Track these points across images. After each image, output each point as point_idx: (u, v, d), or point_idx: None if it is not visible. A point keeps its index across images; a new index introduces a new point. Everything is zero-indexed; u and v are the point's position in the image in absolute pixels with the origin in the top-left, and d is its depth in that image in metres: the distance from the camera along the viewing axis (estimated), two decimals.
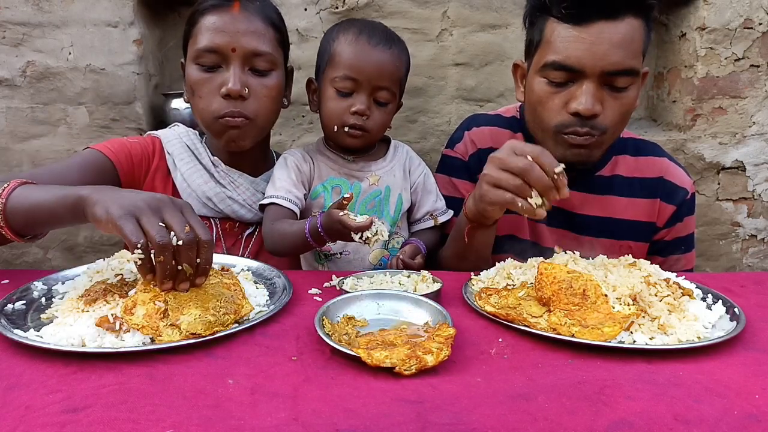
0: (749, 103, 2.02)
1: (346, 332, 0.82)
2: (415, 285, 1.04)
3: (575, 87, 1.20)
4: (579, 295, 0.88)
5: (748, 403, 0.66)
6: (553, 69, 1.20)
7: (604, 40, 1.14)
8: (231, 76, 1.27)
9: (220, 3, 1.29)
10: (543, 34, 1.23)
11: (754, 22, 1.95)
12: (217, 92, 1.28)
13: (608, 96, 1.20)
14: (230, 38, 1.26)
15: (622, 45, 1.15)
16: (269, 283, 1.05)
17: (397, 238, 1.43)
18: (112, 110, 1.96)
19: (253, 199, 1.39)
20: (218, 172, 1.39)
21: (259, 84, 1.31)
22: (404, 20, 1.96)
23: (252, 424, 0.60)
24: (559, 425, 0.61)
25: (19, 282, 0.99)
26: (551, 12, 1.19)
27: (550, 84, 1.22)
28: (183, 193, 1.37)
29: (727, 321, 0.89)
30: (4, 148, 1.97)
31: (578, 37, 1.16)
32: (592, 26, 1.15)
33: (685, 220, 1.42)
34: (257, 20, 1.30)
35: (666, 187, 1.41)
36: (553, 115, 1.23)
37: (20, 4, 1.87)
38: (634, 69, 1.18)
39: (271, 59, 1.31)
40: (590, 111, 1.18)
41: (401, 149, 1.49)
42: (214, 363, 0.74)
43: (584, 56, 1.15)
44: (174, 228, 0.83)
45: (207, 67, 1.29)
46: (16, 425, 0.59)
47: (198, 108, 1.32)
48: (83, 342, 0.77)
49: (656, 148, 1.48)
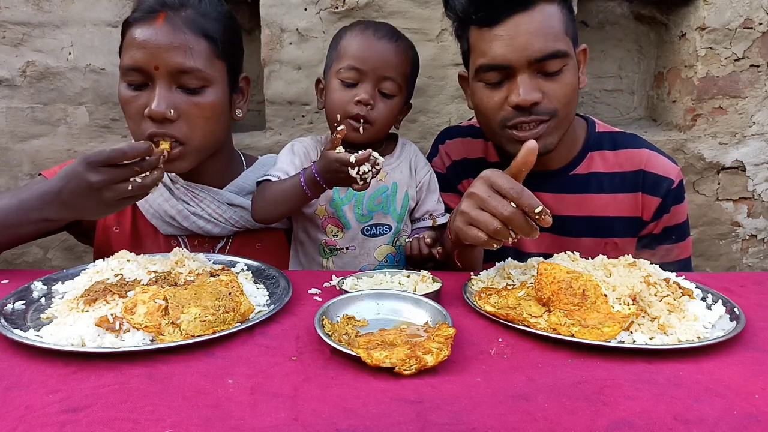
0: (749, 103, 2.02)
1: (346, 332, 0.82)
2: (414, 285, 1.04)
3: (510, 83, 1.22)
4: (579, 295, 0.88)
5: (748, 403, 0.66)
6: (485, 71, 1.23)
7: (521, 32, 1.17)
8: (155, 96, 1.15)
9: (144, 15, 1.17)
10: (469, 42, 1.27)
11: (754, 22, 1.95)
12: (143, 113, 1.17)
13: (544, 82, 1.21)
14: (152, 55, 1.14)
15: (540, 32, 1.17)
16: (269, 282, 1.05)
17: (404, 237, 1.43)
18: (112, 110, 1.95)
19: (218, 212, 1.32)
20: (178, 188, 1.32)
21: (189, 103, 1.18)
22: (404, 20, 1.95)
23: (252, 424, 0.60)
24: (559, 425, 0.61)
25: (19, 282, 0.99)
26: (469, 21, 1.23)
27: (487, 86, 1.25)
28: (146, 214, 1.32)
29: (727, 321, 0.89)
30: (4, 148, 1.97)
31: (497, 35, 1.19)
32: (507, 22, 1.18)
33: (672, 209, 1.40)
34: (185, 32, 1.17)
35: (648, 179, 1.39)
36: (495, 113, 1.25)
37: (20, 4, 1.87)
38: (561, 51, 1.19)
39: (202, 76, 1.19)
40: (528, 100, 1.19)
41: (409, 147, 1.50)
42: (214, 363, 0.74)
43: (507, 52, 1.18)
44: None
45: (135, 85, 1.18)
46: (15, 425, 0.59)
47: (130, 129, 1.23)
48: (83, 342, 0.77)
49: (635, 139, 1.46)
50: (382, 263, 1.40)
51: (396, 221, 1.41)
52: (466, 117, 2.02)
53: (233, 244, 1.39)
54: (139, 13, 1.18)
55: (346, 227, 1.37)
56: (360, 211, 1.38)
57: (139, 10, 1.19)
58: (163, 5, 1.17)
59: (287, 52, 1.94)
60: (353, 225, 1.37)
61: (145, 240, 1.35)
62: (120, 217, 1.35)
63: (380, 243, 1.40)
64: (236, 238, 1.39)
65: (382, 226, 1.39)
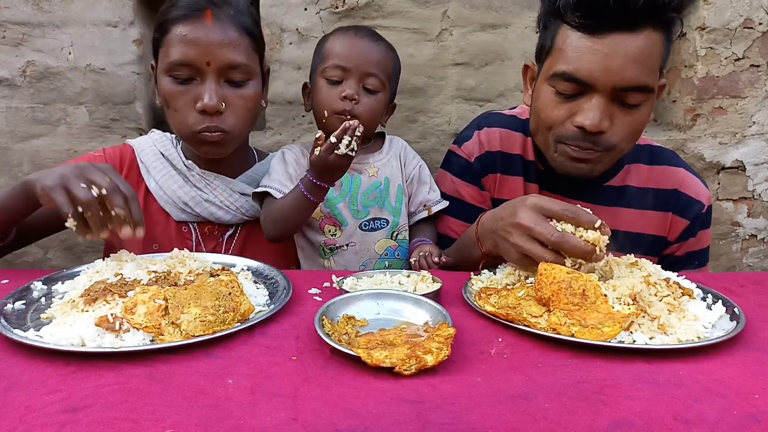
0: (749, 103, 2.02)
1: (346, 332, 0.82)
2: (414, 285, 1.04)
3: (584, 99, 1.13)
4: (579, 295, 0.88)
5: (748, 403, 0.66)
6: (562, 80, 1.13)
7: (618, 53, 1.07)
8: (206, 90, 1.22)
9: (191, 12, 1.22)
10: (555, 41, 1.16)
11: (754, 22, 1.95)
12: (193, 106, 1.23)
13: (618, 112, 1.13)
14: (204, 51, 1.20)
15: (637, 60, 1.07)
16: (269, 282, 1.05)
17: (404, 231, 1.46)
18: (112, 110, 1.96)
19: (230, 200, 1.38)
20: (193, 175, 1.37)
21: (236, 96, 1.26)
22: (404, 20, 1.96)
23: (252, 424, 0.60)
24: (559, 425, 0.61)
25: (19, 282, 0.99)
26: (565, 18, 1.12)
27: (557, 94, 1.16)
28: (159, 200, 1.36)
29: (727, 321, 0.89)
30: (4, 148, 1.97)
31: (591, 48, 1.08)
32: (607, 37, 1.07)
33: (698, 234, 1.36)
34: (231, 30, 1.24)
35: (680, 200, 1.34)
36: (556, 125, 1.17)
37: (20, 4, 1.87)
38: (648, 86, 1.11)
39: (247, 69, 1.27)
40: (596, 127, 1.11)
41: (397, 141, 1.53)
42: (214, 363, 0.74)
43: (596, 69, 1.08)
44: (95, 183, 0.94)
45: (181, 79, 1.23)
46: (15, 425, 0.59)
47: (174, 121, 1.28)
48: (83, 342, 0.77)
49: (673, 156, 1.40)
50: (383, 257, 1.42)
51: (392, 215, 1.43)
52: (466, 117, 2.03)
53: (242, 233, 1.42)
54: (183, 11, 1.22)
55: (343, 224, 1.39)
56: (355, 207, 1.40)
57: (180, 7, 1.23)
58: (208, 2, 1.22)
59: (287, 52, 1.94)
60: (350, 222, 1.40)
61: (156, 227, 1.38)
62: None
63: (379, 237, 1.42)
64: (245, 227, 1.43)
65: (380, 220, 1.42)
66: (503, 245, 1.05)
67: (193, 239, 1.38)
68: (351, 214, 1.40)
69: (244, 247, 1.41)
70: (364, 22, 1.92)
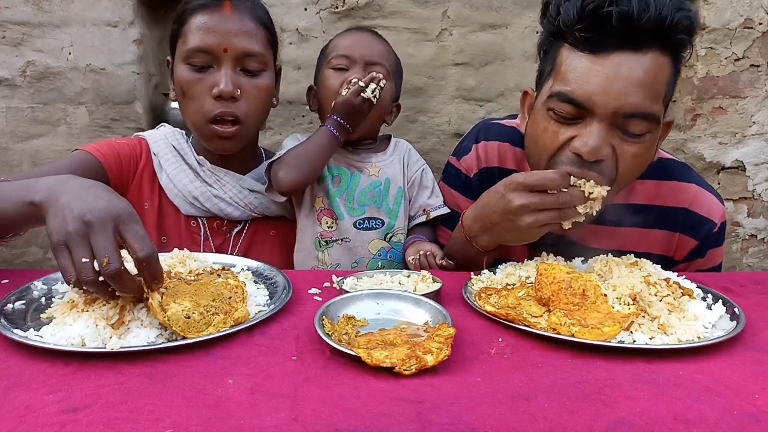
0: (749, 103, 2.01)
1: (346, 332, 0.82)
2: (415, 285, 1.04)
3: (582, 125, 1.04)
4: (579, 295, 0.88)
5: (748, 403, 0.66)
6: (560, 101, 1.04)
7: (621, 74, 0.99)
8: (223, 76, 1.26)
9: (210, 2, 1.28)
10: (555, 63, 1.08)
11: (754, 21, 1.95)
12: (209, 93, 1.27)
13: (619, 141, 1.04)
14: (222, 38, 1.25)
15: (641, 83, 0.99)
16: (269, 282, 1.05)
17: (400, 234, 1.45)
18: (112, 110, 1.95)
19: (239, 197, 1.40)
20: (204, 170, 1.39)
21: (251, 85, 1.31)
22: (404, 20, 1.96)
23: (252, 424, 0.60)
24: (559, 425, 0.61)
25: (19, 282, 0.99)
26: (566, 38, 1.05)
27: (555, 119, 1.07)
28: (169, 194, 1.38)
29: (727, 321, 0.89)
30: (4, 148, 1.97)
31: (591, 68, 1.01)
32: (610, 57, 1.00)
33: (708, 254, 1.27)
34: (248, 20, 1.30)
35: (690, 219, 1.26)
36: (551, 150, 1.08)
37: (20, 4, 1.87)
38: (653, 114, 1.02)
39: (263, 60, 1.31)
40: (594, 155, 1.02)
41: (401, 144, 1.54)
42: (214, 363, 0.74)
43: (596, 92, 1.00)
44: (96, 257, 0.77)
45: (198, 67, 1.28)
46: (15, 425, 0.59)
47: (189, 109, 1.31)
48: (83, 342, 0.77)
49: (685, 170, 1.30)
50: (376, 257, 1.42)
51: (389, 216, 1.43)
52: (466, 117, 2.03)
53: (249, 229, 1.44)
54: (203, 1, 1.28)
55: (339, 218, 1.40)
56: (351, 205, 1.41)
57: None
58: None
59: (287, 52, 1.94)
60: (346, 218, 1.40)
61: (167, 219, 1.40)
62: (151, 194, 1.40)
63: (373, 237, 1.42)
64: (252, 224, 1.44)
65: (375, 220, 1.42)
66: (514, 234, 1.08)
67: (201, 234, 1.39)
68: (347, 210, 1.41)
69: (251, 243, 1.42)
70: (364, 22, 1.92)
